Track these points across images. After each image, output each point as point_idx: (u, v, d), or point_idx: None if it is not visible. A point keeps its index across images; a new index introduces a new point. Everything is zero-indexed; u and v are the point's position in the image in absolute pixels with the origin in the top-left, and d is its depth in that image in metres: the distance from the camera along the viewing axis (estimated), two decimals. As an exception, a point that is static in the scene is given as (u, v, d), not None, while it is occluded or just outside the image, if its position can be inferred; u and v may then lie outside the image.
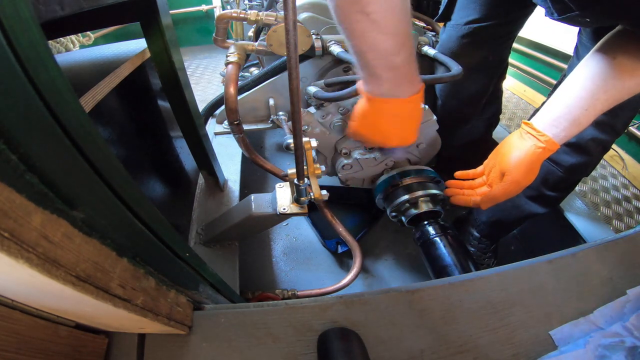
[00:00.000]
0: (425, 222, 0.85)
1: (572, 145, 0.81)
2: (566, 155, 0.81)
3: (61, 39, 1.36)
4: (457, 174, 0.74)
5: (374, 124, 0.61)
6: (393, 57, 0.50)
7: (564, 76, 0.79)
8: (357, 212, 1.25)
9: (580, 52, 0.79)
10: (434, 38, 1.11)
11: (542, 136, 0.60)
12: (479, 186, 0.71)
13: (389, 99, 0.56)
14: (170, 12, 0.74)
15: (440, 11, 0.94)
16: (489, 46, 0.91)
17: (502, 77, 1.06)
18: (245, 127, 1.02)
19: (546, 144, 0.60)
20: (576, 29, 0.79)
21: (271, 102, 1.01)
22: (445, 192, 0.74)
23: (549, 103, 0.62)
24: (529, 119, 0.65)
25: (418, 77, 0.56)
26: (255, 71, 1.54)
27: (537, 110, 0.66)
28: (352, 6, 0.46)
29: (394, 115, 0.59)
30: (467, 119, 1.08)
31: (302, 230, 1.26)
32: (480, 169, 0.72)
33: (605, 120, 0.75)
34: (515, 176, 0.62)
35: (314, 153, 0.73)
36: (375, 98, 0.56)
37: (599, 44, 0.59)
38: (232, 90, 0.83)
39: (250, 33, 1.39)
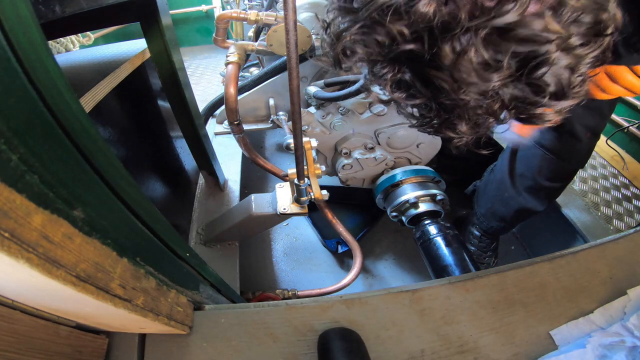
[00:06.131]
0: (426, 222, 0.85)
1: (561, 131, 0.81)
2: (557, 142, 0.82)
3: (61, 39, 1.36)
4: None
5: None
6: None
7: None
8: (358, 212, 1.25)
9: None
10: None
11: None
12: None
13: None
14: (170, 12, 0.74)
15: None
16: None
17: None
18: (246, 127, 1.02)
19: None
20: None
21: (271, 102, 1.01)
22: None
23: None
24: None
25: None
26: (255, 71, 1.54)
27: None
28: None
29: None
30: None
31: (303, 230, 1.26)
32: None
33: (591, 105, 0.73)
34: None
35: (314, 153, 0.74)
36: None
37: None
38: (232, 90, 0.83)
39: (250, 33, 1.39)
